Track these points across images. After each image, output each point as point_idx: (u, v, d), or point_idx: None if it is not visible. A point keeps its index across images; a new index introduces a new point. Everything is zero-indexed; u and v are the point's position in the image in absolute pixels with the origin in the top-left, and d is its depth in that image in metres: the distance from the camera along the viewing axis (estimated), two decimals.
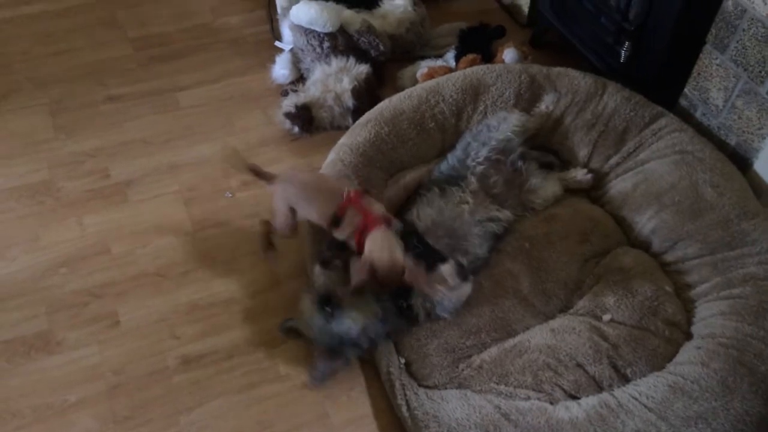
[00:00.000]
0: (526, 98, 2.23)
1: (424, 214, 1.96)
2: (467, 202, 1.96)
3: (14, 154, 2.40)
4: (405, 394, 1.77)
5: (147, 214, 2.23)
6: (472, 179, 2.01)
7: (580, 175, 2.16)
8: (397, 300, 1.84)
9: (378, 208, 1.83)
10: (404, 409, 1.75)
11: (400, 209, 2.06)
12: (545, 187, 2.10)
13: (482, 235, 1.95)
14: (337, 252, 1.86)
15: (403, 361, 1.85)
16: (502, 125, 2.11)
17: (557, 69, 2.27)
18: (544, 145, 2.26)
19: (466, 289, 1.85)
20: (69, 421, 1.76)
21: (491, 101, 2.24)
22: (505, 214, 2.01)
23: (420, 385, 1.80)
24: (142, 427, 1.75)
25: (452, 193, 1.98)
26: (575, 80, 2.22)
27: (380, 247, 1.74)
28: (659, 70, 2.24)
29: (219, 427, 1.76)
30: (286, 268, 2.09)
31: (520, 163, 2.08)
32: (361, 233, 1.77)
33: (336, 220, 1.80)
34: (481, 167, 2.03)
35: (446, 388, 1.79)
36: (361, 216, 1.79)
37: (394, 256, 1.72)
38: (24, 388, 1.82)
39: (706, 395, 1.62)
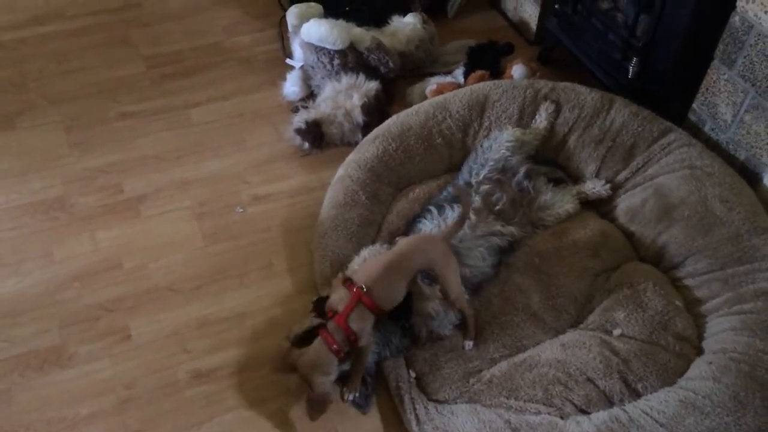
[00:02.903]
0: (529, 113, 2.25)
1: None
2: (469, 218, 1.97)
3: (29, 170, 2.43)
4: (414, 408, 1.77)
5: (159, 229, 2.25)
6: (476, 198, 2.03)
7: (598, 186, 2.16)
8: (398, 321, 1.85)
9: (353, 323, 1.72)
10: (414, 423, 1.74)
11: (409, 225, 2.08)
12: (558, 203, 2.10)
13: (487, 249, 1.96)
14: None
15: (413, 375, 1.85)
16: (494, 144, 2.13)
17: (563, 84, 2.28)
18: (553, 162, 2.26)
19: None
20: None
21: (495, 117, 2.25)
22: (509, 230, 2.02)
23: (430, 399, 1.80)
24: None
25: (452, 211, 1.99)
26: (581, 95, 2.23)
27: (310, 357, 1.70)
28: (667, 86, 2.25)
29: None
30: (296, 284, 2.11)
31: (525, 183, 2.09)
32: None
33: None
34: (485, 186, 2.05)
35: (456, 403, 1.79)
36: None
37: (313, 375, 1.69)
38: (36, 402, 1.83)
39: (718, 410, 1.61)
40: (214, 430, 1.79)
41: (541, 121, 2.22)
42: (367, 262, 1.89)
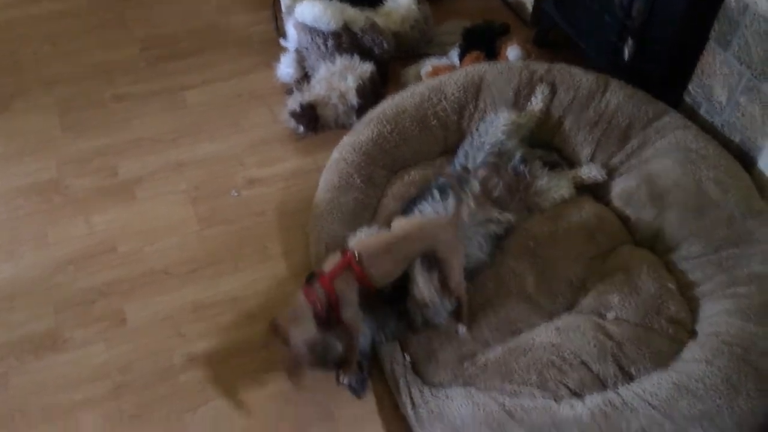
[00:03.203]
0: (525, 94, 2.24)
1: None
2: (469, 206, 1.96)
3: (23, 152, 2.42)
4: (410, 392, 1.78)
5: (154, 212, 2.25)
6: (475, 183, 2.02)
7: (594, 171, 2.15)
8: (393, 305, 1.86)
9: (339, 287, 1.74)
10: (409, 407, 1.75)
11: (405, 207, 2.07)
12: (554, 188, 2.09)
13: (484, 237, 1.96)
14: None
15: (408, 359, 1.86)
16: (491, 129, 2.12)
17: (558, 65, 2.27)
18: (548, 144, 2.25)
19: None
20: (77, 419, 1.78)
21: (491, 99, 2.24)
22: (506, 217, 2.01)
23: (425, 383, 1.81)
24: (148, 426, 1.77)
25: (454, 197, 1.99)
26: (577, 77, 2.22)
27: (290, 310, 1.72)
28: (663, 68, 2.23)
29: (225, 425, 1.78)
30: (291, 267, 2.11)
31: (521, 167, 2.07)
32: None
33: None
34: (482, 171, 2.04)
35: (451, 387, 1.79)
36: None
37: (290, 327, 1.68)
38: (32, 386, 1.84)
39: (711, 393, 1.62)
40: (210, 414, 1.80)
41: (536, 103, 2.20)
42: (369, 236, 1.89)
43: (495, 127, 2.11)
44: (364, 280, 1.74)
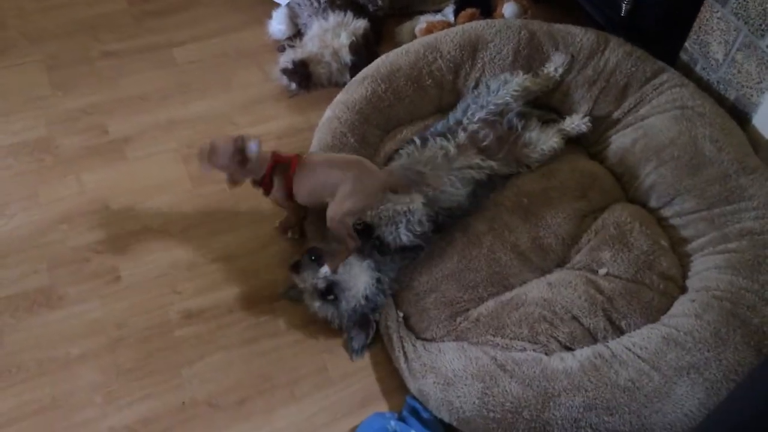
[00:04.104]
0: (525, 55, 2.20)
1: (394, 163, 1.98)
2: (448, 151, 1.94)
3: (11, 111, 2.38)
4: (403, 346, 1.80)
5: (145, 171, 2.23)
6: (462, 134, 2.00)
7: (577, 121, 2.13)
8: (370, 239, 1.86)
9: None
10: (402, 360, 1.78)
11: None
12: (543, 140, 2.07)
13: (459, 180, 1.93)
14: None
15: (401, 315, 1.88)
16: (502, 89, 2.08)
17: (558, 26, 2.23)
18: (546, 104, 2.24)
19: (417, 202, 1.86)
20: (73, 373, 1.79)
21: (489, 58, 2.21)
22: (489, 164, 1.99)
23: (418, 338, 1.83)
24: (145, 380, 1.79)
25: (434, 143, 1.97)
26: (577, 37, 2.19)
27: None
28: (660, 24, 2.21)
29: (220, 379, 1.80)
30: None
31: (515, 121, 2.06)
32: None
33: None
34: (475, 125, 2.03)
35: (444, 341, 1.81)
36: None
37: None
38: (28, 342, 1.84)
39: (699, 346, 1.65)
40: (205, 368, 1.81)
41: (555, 74, 2.16)
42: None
43: (507, 89, 2.07)
44: (288, 183, 1.82)
